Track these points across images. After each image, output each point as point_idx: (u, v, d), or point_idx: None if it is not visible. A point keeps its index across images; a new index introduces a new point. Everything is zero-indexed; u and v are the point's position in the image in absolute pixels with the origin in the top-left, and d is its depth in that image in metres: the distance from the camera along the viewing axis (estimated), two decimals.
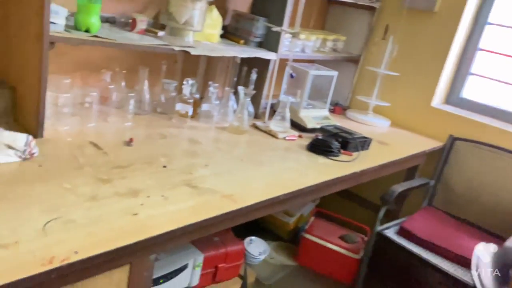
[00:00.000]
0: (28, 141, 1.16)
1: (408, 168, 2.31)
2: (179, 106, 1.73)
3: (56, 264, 0.75)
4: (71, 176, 1.09)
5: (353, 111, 2.49)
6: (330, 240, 2.19)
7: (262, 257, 2.21)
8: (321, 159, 1.66)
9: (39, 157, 1.15)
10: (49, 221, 0.87)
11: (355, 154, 1.77)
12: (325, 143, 1.71)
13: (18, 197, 0.94)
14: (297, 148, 1.74)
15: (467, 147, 2.18)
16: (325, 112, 2.13)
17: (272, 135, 1.85)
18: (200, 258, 1.54)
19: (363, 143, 1.85)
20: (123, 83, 1.68)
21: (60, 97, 1.39)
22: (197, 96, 1.84)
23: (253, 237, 2.31)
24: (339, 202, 2.65)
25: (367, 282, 2.11)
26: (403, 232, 1.95)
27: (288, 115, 1.88)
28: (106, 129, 1.48)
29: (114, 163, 1.23)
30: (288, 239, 2.44)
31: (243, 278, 1.97)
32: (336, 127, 1.94)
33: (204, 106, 1.83)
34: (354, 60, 2.56)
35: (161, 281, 1.40)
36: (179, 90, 1.81)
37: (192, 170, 1.30)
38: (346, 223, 2.39)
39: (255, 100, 2.02)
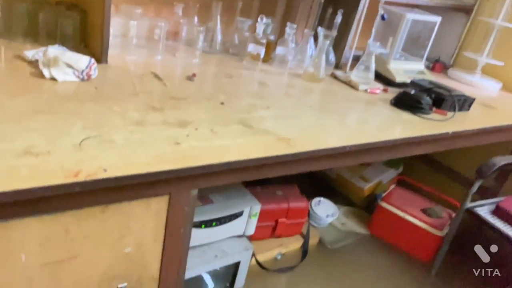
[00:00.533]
0: (89, 63, 1.14)
1: None
2: (251, 47, 1.61)
3: (80, 178, 0.70)
4: (123, 101, 1.04)
5: (457, 70, 2.13)
6: (410, 212, 1.95)
7: (329, 219, 2.07)
8: (406, 115, 1.43)
9: (96, 80, 1.13)
10: (87, 138, 0.83)
11: (450, 113, 1.50)
12: (413, 98, 1.47)
13: (66, 112, 0.92)
14: (379, 102, 1.52)
15: None
16: (420, 66, 1.84)
17: (352, 86, 1.64)
18: (257, 207, 1.46)
19: (462, 102, 1.56)
20: (195, 18, 1.60)
21: (129, 26, 1.36)
22: (272, 37, 1.70)
23: (322, 198, 2.16)
24: (426, 172, 2.37)
25: (447, 263, 1.87)
26: (499, 212, 1.65)
27: (373, 65, 1.64)
28: (171, 63, 1.43)
29: (171, 94, 1.16)
30: (362, 206, 2.25)
31: (305, 237, 1.86)
32: (431, 82, 1.66)
33: (279, 50, 1.68)
34: (465, 9, 2.16)
35: (213, 223, 1.35)
36: (253, 30, 1.68)
37: (251, 110, 1.18)
38: (432, 196, 2.12)
39: (338, 48, 1.81)
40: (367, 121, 1.31)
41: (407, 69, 1.78)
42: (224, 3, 1.59)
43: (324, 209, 2.11)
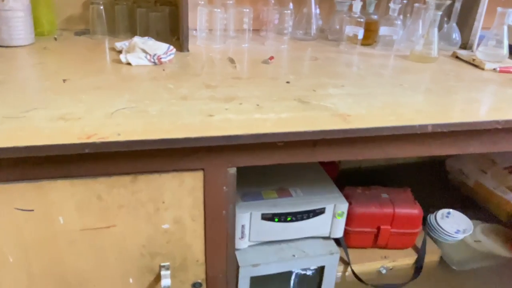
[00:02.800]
0: (167, 50, 1.19)
1: None
2: (348, 29, 1.45)
3: (91, 140, 0.71)
4: (181, 80, 1.05)
5: None
6: None
7: (459, 236, 1.68)
8: None
9: (169, 64, 1.17)
10: (123, 108, 0.85)
11: None
12: None
13: (121, 89, 0.96)
14: (508, 82, 1.17)
15: None
16: None
17: (476, 65, 1.31)
18: (343, 206, 1.27)
19: None
20: (290, 5, 1.53)
21: (216, 16, 1.38)
22: (375, 17, 1.50)
23: (452, 210, 1.79)
24: None
25: None
26: None
27: (506, 38, 1.29)
28: (255, 50, 1.39)
29: (235, 74, 1.12)
30: (508, 224, 1.77)
31: (420, 252, 1.55)
32: None
33: (383, 30, 1.47)
34: None
35: (288, 218, 1.23)
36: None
37: (319, 88, 1.04)
38: None
39: (464, 24, 1.49)
40: (476, 100, 1.01)
41: None
42: None
43: (454, 224, 1.74)
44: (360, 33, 1.42)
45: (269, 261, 1.25)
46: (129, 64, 1.14)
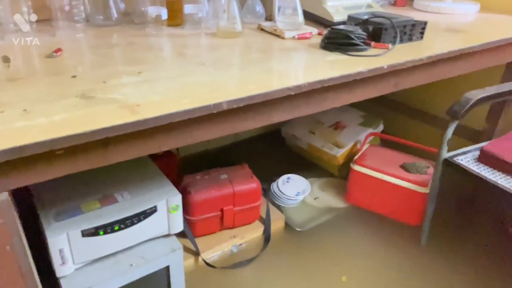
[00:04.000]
0: None
1: (506, 69, 1.59)
2: (151, 10, 1.35)
3: None
4: None
5: None
6: (387, 171, 1.64)
7: (300, 197, 1.79)
8: (332, 56, 1.13)
9: None
10: None
11: (391, 46, 1.19)
12: (342, 34, 1.16)
13: None
14: (307, 47, 1.23)
15: None
16: None
17: (278, 34, 1.35)
18: (175, 199, 1.20)
19: (410, 30, 1.24)
20: None
21: None
22: None
23: (291, 175, 1.89)
24: (411, 126, 2.04)
25: (438, 227, 1.56)
26: (485, 157, 1.33)
27: (299, 7, 1.35)
28: (42, 43, 1.18)
29: (9, 75, 0.92)
30: (341, 176, 1.96)
31: (265, 223, 1.60)
32: (373, 13, 1.34)
33: (187, 8, 1.41)
34: None
35: (116, 228, 1.11)
36: None
37: (111, 78, 0.92)
38: (416, 150, 1.80)
39: None
40: (273, 70, 1.02)
41: (349, 5, 1.46)
42: None
43: (294, 187, 1.84)
44: (164, 13, 1.33)
45: (104, 279, 1.11)
46: None
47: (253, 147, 2.23)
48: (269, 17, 1.53)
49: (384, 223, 1.68)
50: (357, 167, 1.71)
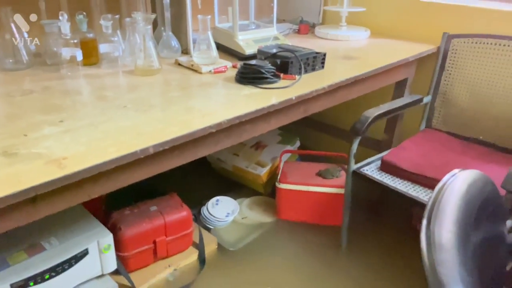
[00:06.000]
0: None
1: (396, 86, 1.84)
2: (64, 51, 1.35)
3: None
4: None
5: (322, 27, 2.00)
6: (308, 182, 1.80)
7: (230, 218, 1.87)
8: (247, 90, 1.24)
9: None
10: None
11: (298, 77, 1.33)
12: (253, 69, 1.28)
13: None
14: (223, 82, 1.32)
15: (467, 45, 1.65)
16: (273, 32, 1.67)
17: (195, 69, 1.43)
18: (107, 239, 1.22)
19: (312, 61, 1.40)
20: None
21: None
22: (91, 35, 1.44)
23: (219, 197, 1.96)
24: (323, 140, 2.24)
25: (354, 228, 1.74)
26: (385, 166, 1.52)
27: (212, 42, 1.44)
28: None
29: None
30: (267, 193, 2.08)
31: (199, 247, 1.65)
32: (279, 46, 1.48)
33: (102, 48, 1.43)
34: None
35: (46, 276, 1.09)
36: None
37: (32, 131, 0.93)
38: (329, 159, 1.98)
39: (179, 30, 1.59)
40: (192, 109, 1.10)
41: (258, 39, 1.60)
42: (16, 6, 1.32)
43: (224, 208, 1.92)
44: (78, 54, 1.34)
45: None
46: None
47: (179, 174, 2.26)
48: (185, 51, 1.60)
49: (310, 232, 1.82)
50: (282, 185, 1.84)
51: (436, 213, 0.67)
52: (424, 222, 0.66)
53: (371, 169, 1.55)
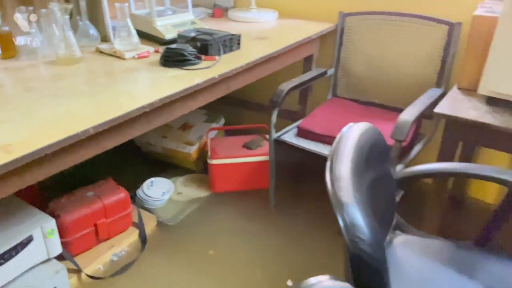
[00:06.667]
0: None
1: (304, 62, 2.05)
2: None
3: None
4: None
5: (234, 10, 2.14)
6: (236, 155, 1.98)
7: (166, 196, 1.97)
8: (172, 72, 1.35)
9: None
10: None
11: (218, 57, 1.47)
12: (176, 52, 1.39)
13: None
14: (148, 66, 1.41)
15: (359, 22, 1.91)
16: (189, 16, 1.77)
17: (118, 56, 1.50)
18: (50, 223, 1.27)
19: (229, 42, 1.54)
20: None
21: None
22: (6, 28, 1.43)
23: (153, 178, 2.05)
24: (246, 116, 2.41)
25: (281, 191, 1.95)
26: (301, 132, 1.74)
27: (132, 28, 1.51)
28: None
29: None
30: (199, 170, 2.20)
31: (139, 226, 1.74)
32: (197, 30, 1.60)
33: (19, 40, 1.43)
34: None
35: None
36: None
37: None
38: (253, 131, 2.16)
39: (96, 19, 1.62)
40: (124, 92, 1.19)
41: (177, 23, 1.70)
42: None
43: (159, 188, 2.01)
44: None
45: None
46: None
47: (110, 162, 2.29)
48: (105, 38, 1.64)
49: (242, 198, 2.00)
50: (213, 161, 1.98)
51: (336, 155, 0.86)
52: (328, 163, 0.85)
53: (290, 136, 1.75)
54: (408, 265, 1.10)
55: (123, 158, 2.31)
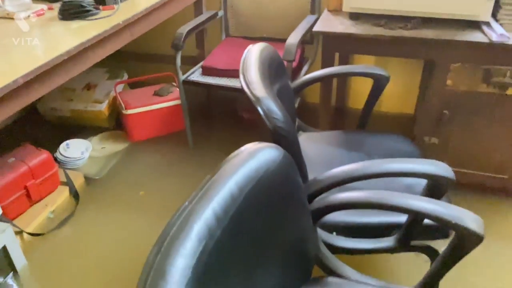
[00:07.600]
0: None
1: (195, 7, 2.19)
2: None
3: None
4: None
5: None
6: (149, 103, 2.11)
7: (86, 155, 2.03)
8: (75, 24, 1.41)
9: None
10: None
11: (116, 6, 1.55)
12: (75, 4, 1.44)
13: None
14: (48, 22, 1.44)
15: None
16: None
17: (12, 18, 1.48)
18: None
19: None
20: None
21: None
22: None
23: (69, 141, 2.08)
24: (149, 68, 2.50)
25: (197, 129, 2.14)
26: (206, 70, 1.92)
27: None
28: None
29: None
30: (112, 127, 2.27)
31: (68, 183, 1.81)
32: None
33: None
34: None
35: None
36: None
37: None
38: (159, 80, 2.28)
39: None
40: (36, 47, 1.23)
41: None
42: None
43: (76, 149, 2.05)
44: None
45: None
46: None
47: (14, 134, 2.23)
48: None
49: (162, 142, 2.15)
50: (129, 111, 2.07)
51: (245, 67, 1.08)
52: (241, 75, 1.06)
53: (196, 76, 1.92)
54: (312, 152, 1.41)
55: (26, 129, 2.26)
